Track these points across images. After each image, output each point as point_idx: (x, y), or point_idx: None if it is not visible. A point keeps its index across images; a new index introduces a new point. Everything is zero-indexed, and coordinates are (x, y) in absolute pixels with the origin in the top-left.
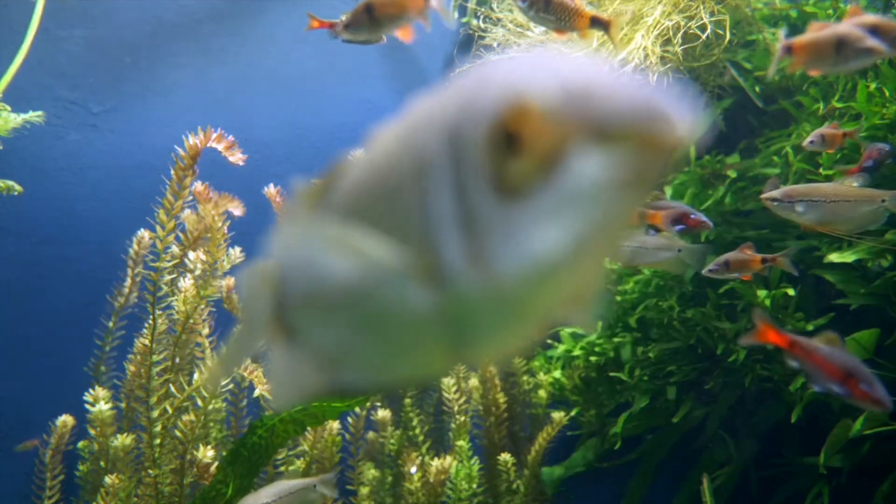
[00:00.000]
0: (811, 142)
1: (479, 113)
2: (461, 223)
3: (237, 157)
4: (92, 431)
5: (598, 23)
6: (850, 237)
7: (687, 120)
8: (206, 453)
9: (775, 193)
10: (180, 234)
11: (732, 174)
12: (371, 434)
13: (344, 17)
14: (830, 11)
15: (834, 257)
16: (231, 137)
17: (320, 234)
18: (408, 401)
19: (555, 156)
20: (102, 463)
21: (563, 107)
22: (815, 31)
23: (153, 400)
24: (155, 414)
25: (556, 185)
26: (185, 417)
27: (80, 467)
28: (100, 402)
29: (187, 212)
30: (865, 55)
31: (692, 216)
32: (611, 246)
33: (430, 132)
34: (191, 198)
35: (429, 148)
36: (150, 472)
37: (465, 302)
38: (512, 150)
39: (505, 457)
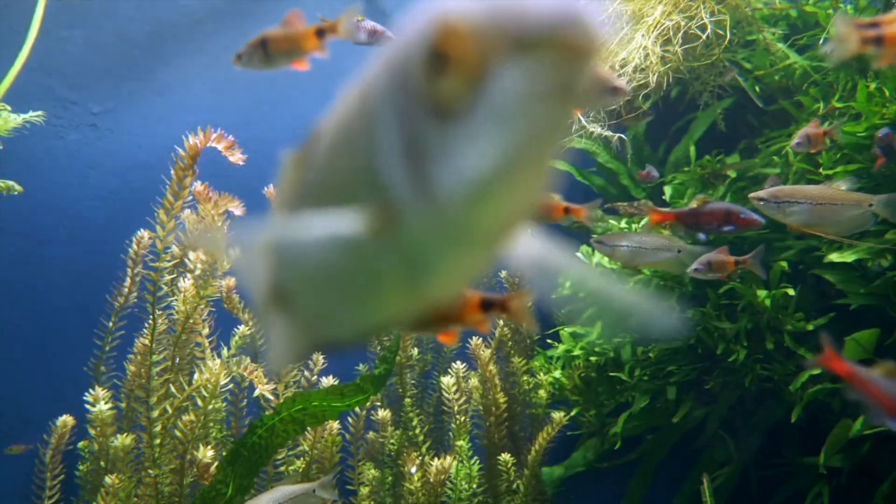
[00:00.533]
0: (798, 143)
1: (412, 40)
2: (406, 153)
3: (237, 157)
4: (92, 431)
5: None
6: (838, 239)
7: (599, 25)
8: (206, 453)
9: (763, 193)
10: (180, 234)
11: (732, 174)
12: (371, 434)
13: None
14: (830, 11)
15: (834, 257)
16: (231, 137)
17: (295, 217)
18: (408, 401)
19: (481, 70)
20: (102, 463)
21: (486, 22)
22: None
23: (153, 400)
24: (155, 414)
25: (485, 100)
26: (185, 417)
27: (80, 467)
28: (100, 402)
29: (187, 212)
30: None
31: (742, 215)
32: (544, 161)
33: (376, 72)
34: (191, 198)
35: (375, 86)
36: (150, 472)
37: (416, 233)
38: (443, 70)
39: (505, 457)
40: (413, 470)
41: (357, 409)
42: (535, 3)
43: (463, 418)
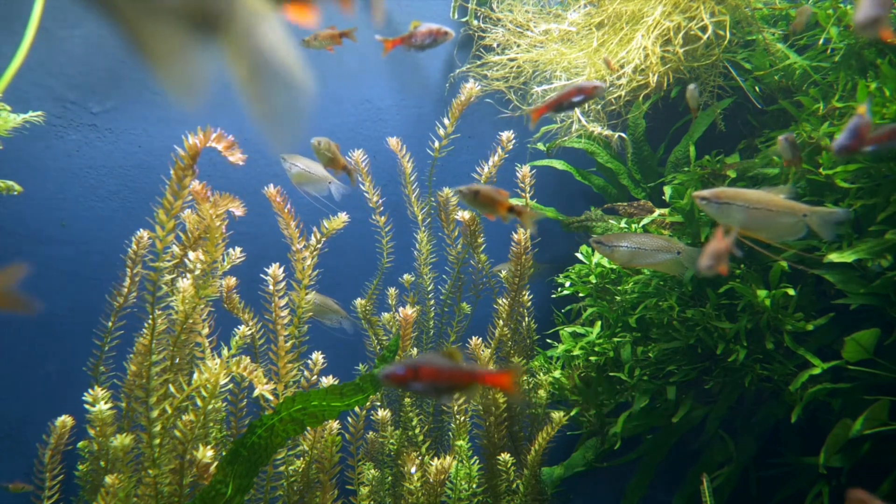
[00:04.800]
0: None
1: None
2: None
3: (237, 157)
4: (92, 431)
5: None
6: (766, 242)
7: None
8: (206, 453)
9: (706, 193)
10: (181, 234)
11: (732, 174)
12: (371, 434)
13: None
14: (830, 11)
15: (834, 257)
16: (231, 137)
17: None
18: (407, 401)
19: None
20: (102, 463)
21: None
22: None
23: (153, 400)
24: (154, 414)
25: None
26: (185, 417)
27: (80, 467)
28: (99, 402)
29: (187, 212)
30: None
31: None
32: None
33: None
34: (190, 198)
35: None
36: (150, 472)
37: None
38: None
39: (505, 457)
40: (413, 470)
41: (357, 408)
42: None
43: (462, 418)
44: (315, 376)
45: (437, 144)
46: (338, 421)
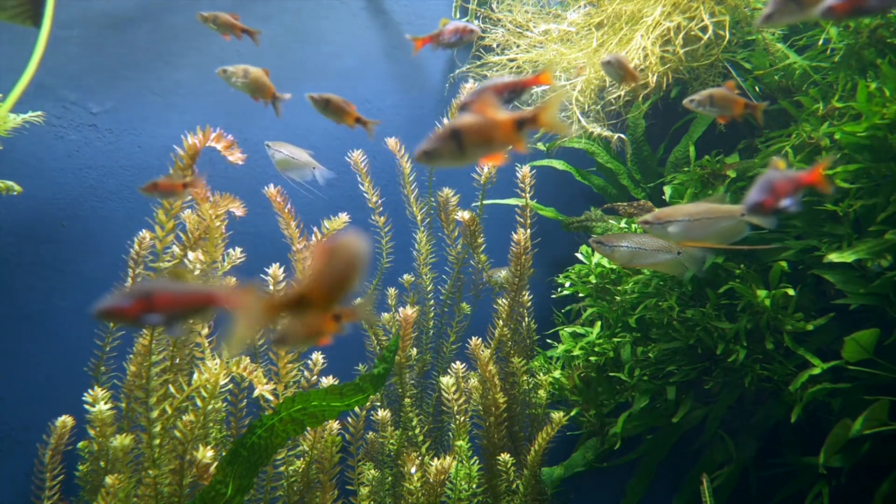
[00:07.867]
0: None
1: None
2: None
3: (236, 157)
4: (92, 432)
5: None
6: (735, 248)
7: None
8: (206, 453)
9: (648, 217)
10: (181, 235)
11: (732, 174)
12: (371, 434)
13: None
14: None
15: (834, 257)
16: (230, 137)
17: None
18: (407, 401)
19: None
20: (102, 463)
21: None
22: None
23: (153, 400)
24: (154, 414)
25: None
26: (185, 418)
27: (80, 467)
28: (99, 402)
29: (188, 212)
30: None
31: None
32: None
33: None
34: (190, 198)
35: None
36: (150, 472)
37: None
38: None
39: (504, 457)
40: (413, 470)
41: (357, 409)
42: None
43: (462, 418)
44: (315, 376)
45: None
46: (338, 421)
